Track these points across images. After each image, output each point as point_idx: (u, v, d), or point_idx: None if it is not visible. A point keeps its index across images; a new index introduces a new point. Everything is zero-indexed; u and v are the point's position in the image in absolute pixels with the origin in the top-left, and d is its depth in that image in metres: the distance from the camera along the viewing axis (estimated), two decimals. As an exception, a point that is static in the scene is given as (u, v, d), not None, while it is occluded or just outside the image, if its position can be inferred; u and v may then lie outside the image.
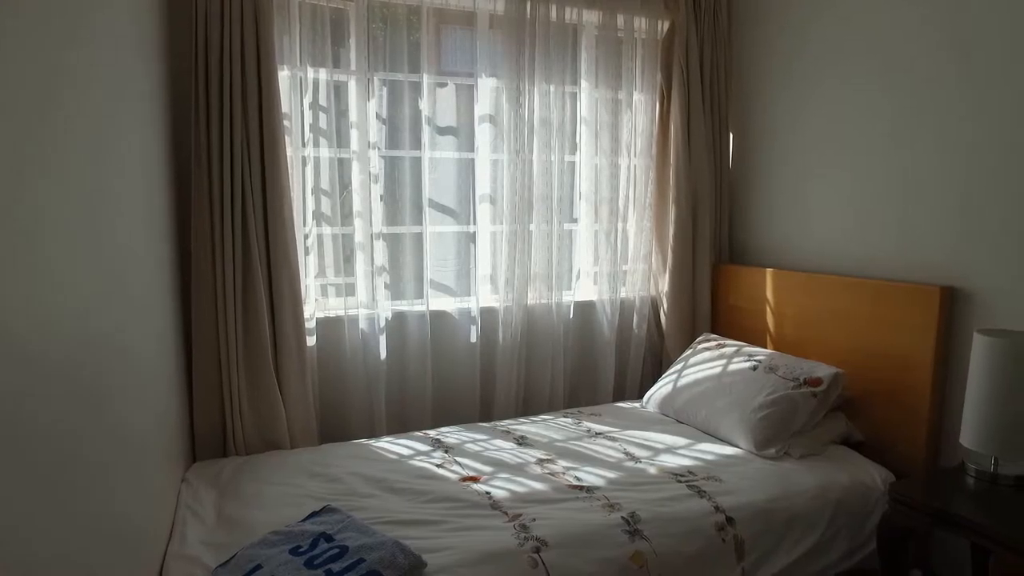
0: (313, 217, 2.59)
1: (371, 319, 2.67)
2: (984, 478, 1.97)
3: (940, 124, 2.28)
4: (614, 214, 3.03)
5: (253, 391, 2.39)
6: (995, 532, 1.69)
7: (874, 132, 2.51)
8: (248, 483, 2.06)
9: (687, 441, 2.40)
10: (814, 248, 2.79)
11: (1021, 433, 1.87)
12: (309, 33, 2.48)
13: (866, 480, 2.19)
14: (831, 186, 2.70)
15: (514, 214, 2.81)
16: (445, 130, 2.84)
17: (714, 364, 2.64)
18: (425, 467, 2.17)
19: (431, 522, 1.82)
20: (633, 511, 1.87)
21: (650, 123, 3.07)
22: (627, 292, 3.12)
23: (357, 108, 2.60)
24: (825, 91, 2.70)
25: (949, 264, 2.27)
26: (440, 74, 2.82)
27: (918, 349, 2.29)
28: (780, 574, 1.96)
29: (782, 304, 2.82)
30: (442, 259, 2.89)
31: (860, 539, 2.10)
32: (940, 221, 2.30)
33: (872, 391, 2.45)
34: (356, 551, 1.61)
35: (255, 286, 2.35)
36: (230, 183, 2.30)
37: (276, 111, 2.34)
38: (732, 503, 1.97)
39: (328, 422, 2.67)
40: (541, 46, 2.80)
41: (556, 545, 1.71)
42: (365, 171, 2.62)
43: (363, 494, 2.00)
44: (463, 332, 2.84)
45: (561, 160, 2.89)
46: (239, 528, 1.80)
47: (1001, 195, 2.12)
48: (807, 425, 2.33)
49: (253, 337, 2.37)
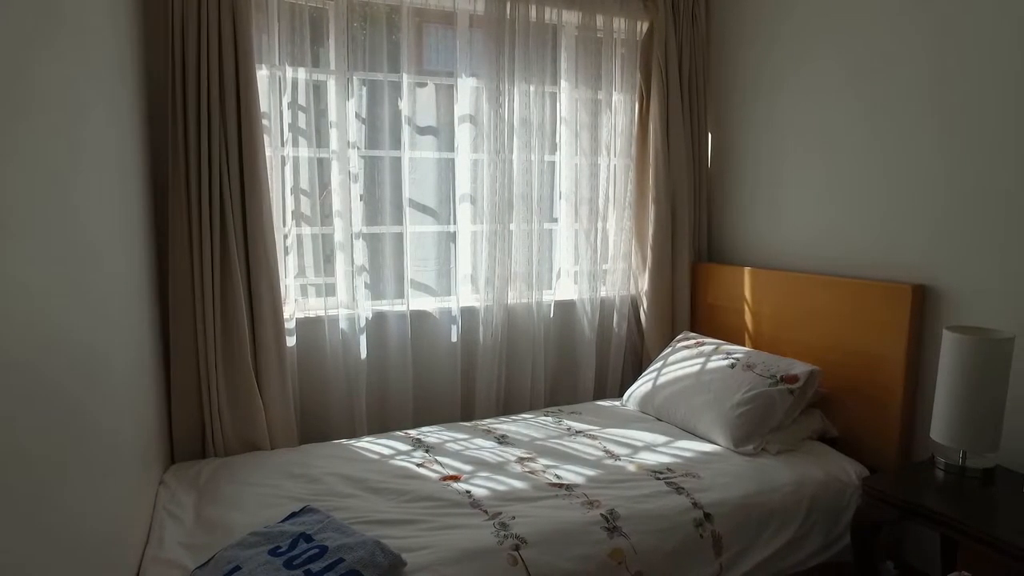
0: (292, 217, 2.58)
1: (351, 319, 2.67)
2: (953, 471, 2.01)
3: (912, 126, 2.33)
4: (594, 214, 3.05)
5: (232, 392, 2.38)
6: (962, 524, 1.74)
7: (848, 133, 2.55)
8: (227, 484, 2.05)
9: (666, 439, 2.43)
10: (791, 247, 2.83)
11: (988, 428, 1.92)
12: (288, 32, 2.47)
13: (841, 475, 2.23)
14: (807, 186, 2.74)
15: (494, 214, 2.81)
16: (425, 130, 2.84)
17: (693, 362, 2.67)
18: (405, 467, 2.18)
19: (411, 521, 1.83)
20: (612, 508, 1.89)
21: (629, 123, 3.10)
22: (607, 291, 3.15)
23: (336, 108, 2.60)
24: (799, 91, 2.74)
25: (921, 263, 2.32)
26: (420, 74, 2.82)
27: (891, 346, 2.33)
28: (757, 568, 1.98)
29: (760, 303, 2.86)
30: (422, 259, 2.89)
31: (835, 533, 2.14)
32: (912, 221, 2.34)
33: (847, 388, 2.49)
34: (336, 551, 1.61)
35: (234, 286, 2.34)
36: (208, 182, 2.28)
37: (255, 110, 2.33)
38: (710, 499, 1.99)
39: (308, 423, 2.66)
40: (521, 46, 2.81)
41: (535, 543, 1.73)
42: (345, 171, 2.61)
43: (343, 494, 2.00)
44: (444, 332, 2.85)
45: (541, 160, 2.90)
46: (218, 530, 1.79)
47: (970, 196, 2.17)
48: (784, 422, 2.36)
49: (232, 338, 2.36)
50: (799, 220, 2.78)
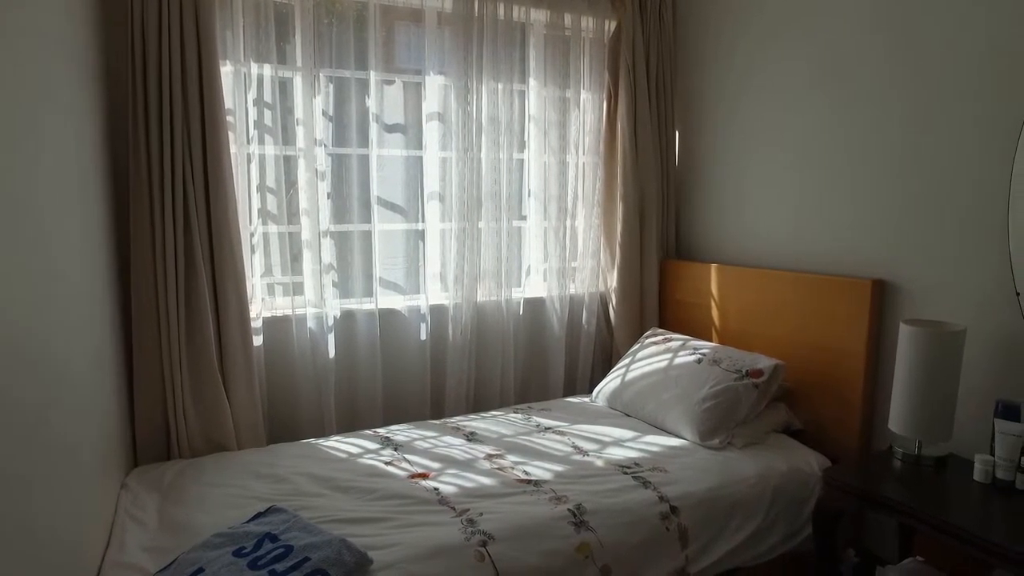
0: (259, 215, 2.55)
1: (319, 318, 2.65)
2: (909, 460, 2.07)
3: (873, 127, 2.38)
4: (563, 211, 3.07)
5: (197, 392, 2.35)
6: (916, 511, 1.79)
7: (811, 133, 2.61)
8: (192, 486, 2.02)
9: (634, 434, 2.45)
10: (756, 244, 2.88)
11: (941, 417, 1.98)
12: (253, 27, 2.44)
13: (804, 467, 2.27)
14: (771, 184, 2.79)
15: (463, 212, 2.81)
16: (393, 127, 2.83)
17: (661, 358, 2.70)
18: (374, 465, 2.17)
19: (378, 519, 1.82)
20: (579, 503, 1.91)
21: (598, 121, 3.12)
22: (576, 288, 3.17)
23: (303, 105, 2.57)
24: (764, 91, 2.79)
25: (880, 259, 2.38)
26: (388, 71, 2.81)
27: (852, 340, 2.39)
28: (722, 560, 2.02)
29: (726, 298, 2.90)
30: (391, 257, 2.88)
31: (798, 523, 2.18)
32: (872, 218, 2.40)
33: (810, 381, 2.54)
34: (301, 550, 1.60)
35: (198, 285, 2.30)
36: (171, 180, 2.24)
37: (219, 107, 2.30)
38: (676, 493, 2.02)
39: (276, 422, 2.64)
40: (489, 44, 2.81)
41: (502, 539, 1.73)
42: (312, 168, 2.59)
43: (310, 493, 1.99)
44: (413, 330, 2.84)
45: (510, 158, 2.91)
46: (182, 532, 1.77)
47: (927, 195, 2.23)
48: (749, 415, 2.40)
49: (197, 337, 2.33)
50: (764, 217, 2.83)
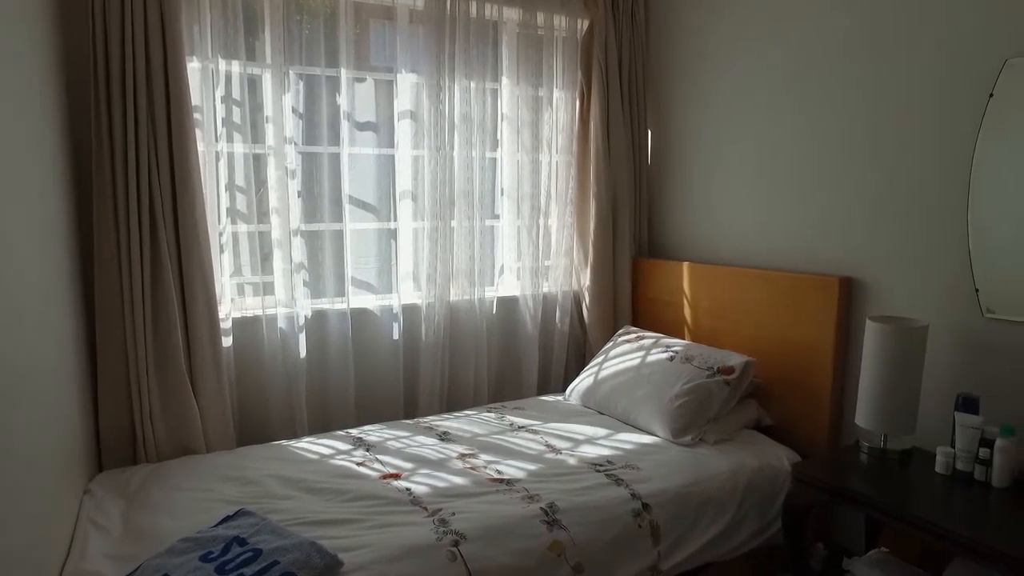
0: (228, 214, 2.51)
1: (290, 318, 2.62)
2: (875, 454, 2.11)
3: (841, 128, 2.42)
4: (536, 210, 3.07)
5: (165, 395, 2.30)
6: (880, 503, 1.82)
7: (779, 132, 2.64)
8: (158, 490, 1.98)
9: (607, 431, 2.47)
10: (727, 242, 2.91)
11: (906, 411, 2.02)
12: (220, 23, 2.40)
13: (774, 462, 2.30)
14: (742, 183, 2.82)
15: (435, 210, 2.80)
16: (364, 126, 2.81)
17: (633, 356, 2.72)
18: (345, 466, 2.15)
19: (349, 521, 1.81)
20: (552, 502, 1.91)
21: (571, 120, 3.13)
22: (550, 287, 3.17)
23: (272, 102, 2.54)
24: (734, 91, 2.82)
25: (847, 257, 2.42)
26: (359, 69, 2.78)
27: (820, 337, 2.42)
28: (694, 555, 2.04)
29: (698, 296, 2.93)
30: (363, 256, 2.86)
31: (769, 518, 2.21)
32: (840, 217, 2.44)
33: (781, 377, 2.57)
34: (270, 554, 1.58)
35: (165, 285, 2.26)
36: (136, 178, 2.20)
37: (185, 104, 2.25)
38: (648, 490, 2.03)
39: (247, 424, 2.60)
40: (462, 42, 2.80)
41: (475, 538, 1.73)
42: (282, 167, 2.55)
43: (280, 496, 1.96)
44: (385, 329, 2.82)
45: (482, 156, 2.90)
46: (147, 538, 1.73)
47: (893, 193, 2.27)
48: (721, 412, 2.43)
49: (164, 339, 2.28)
50: (735, 216, 2.86)
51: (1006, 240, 1.95)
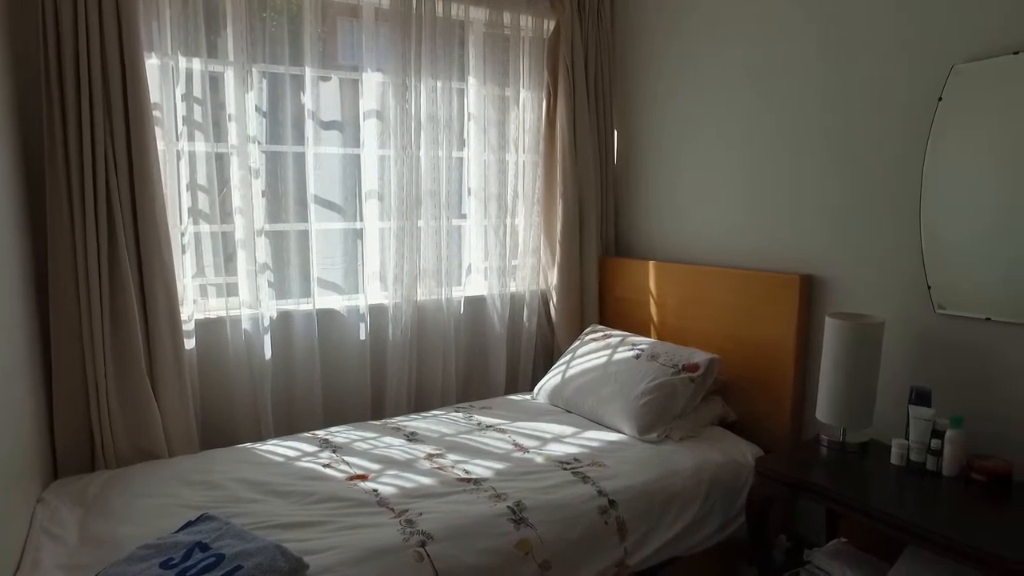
0: (189, 214, 2.47)
1: (255, 319, 2.58)
2: (835, 448, 2.16)
3: (799, 128, 2.48)
4: (503, 210, 3.08)
5: (124, 399, 2.25)
6: (838, 495, 1.87)
7: (742, 132, 2.69)
8: (118, 497, 1.94)
9: (574, 430, 2.48)
10: (692, 241, 2.95)
11: (864, 405, 2.07)
12: (180, 19, 2.35)
13: (738, 457, 2.35)
14: (706, 183, 2.86)
15: (402, 210, 2.79)
16: (330, 125, 2.78)
17: (600, 354, 2.74)
18: (311, 468, 2.13)
19: (316, 523, 1.79)
20: (519, 500, 1.92)
21: (537, 120, 3.14)
22: (517, 286, 3.19)
23: (235, 100, 2.50)
24: (698, 92, 2.86)
25: (808, 255, 2.47)
26: (323, 67, 2.75)
27: (783, 333, 2.47)
28: (660, 550, 2.06)
29: (664, 295, 2.97)
30: (329, 256, 2.83)
31: (733, 512, 2.25)
32: (799, 215, 2.49)
33: (744, 374, 2.62)
34: (233, 558, 1.56)
35: (124, 286, 2.21)
36: (92, 178, 2.14)
37: (144, 101, 2.20)
38: (614, 487, 2.05)
39: (211, 427, 2.56)
40: (428, 41, 2.80)
41: (442, 538, 1.73)
42: (245, 166, 2.52)
43: (245, 499, 1.93)
44: (352, 330, 2.80)
45: (449, 156, 2.90)
46: (105, 546, 1.69)
47: (850, 193, 2.33)
48: (686, 409, 2.46)
49: (123, 341, 2.23)
50: (700, 215, 2.91)
51: (955, 239, 2.01)
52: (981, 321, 1.98)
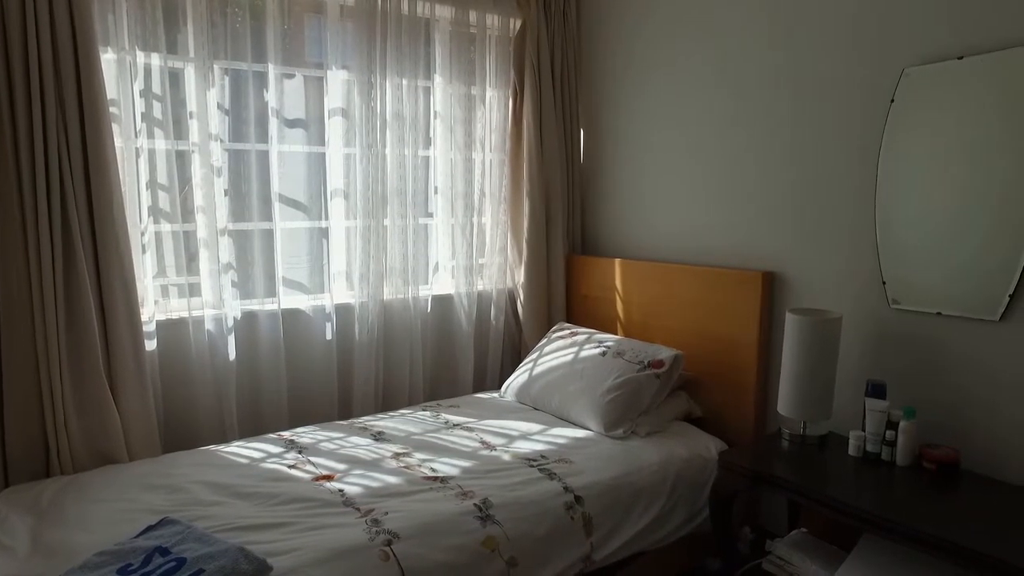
0: (150, 213, 2.42)
1: (218, 320, 2.54)
2: (795, 441, 2.21)
3: (761, 129, 2.53)
4: (469, 208, 3.08)
5: (81, 402, 2.19)
6: (797, 486, 1.92)
7: (706, 132, 2.73)
8: (73, 504, 1.88)
9: (541, 427, 2.50)
10: (657, 238, 2.99)
11: (823, 398, 2.12)
12: (137, 12, 2.30)
13: (703, 452, 2.38)
14: (671, 181, 2.90)
15: (368, 209, 2.77)
16: (294, 123, 2.75)
17: (567, 352, 2.76)
18: (277, 469, 2.10)
19: (280, 524, 1.77)
20: (485, 498, 1.92)
21: (504, 119, 3.15)
22: (484, 285, 3.19)
23: (196, 97, 2.45)
24: (663, 92, 2.90)
25: (769, 252, 2.52)
26: (287, 65, 2.71)
27: (746, 329, 2.52)
28: (626, 545, 2.09)
29: (630, 292, 3.00)
30: (294, 256, 2.80)
31: (698, 506, 2.29)
32: (761, 213, 2.54)
33: (709, 370, 2.66)
34: (195, 562, 1.54)
35: (80, 287, 2.15)
36: (45, 175, 2.08)
37: (99, 97, 2.15)
38: (580, 483, 2.07)
39: (173, 430, 2.51)
40: (393, 39, 2.78)
41: (408, 537, 1.72)
42: (207, 164, 2.47)
43: (208, 502, 1.90)
44: (318, 330, 2.78)
45: (415, 154, 2.89)
46: (59, 555, 1.63)
47: (809, 191, 2.38)
48: (652, 405, 2.49)
49: (80, 343, 2.18)
50: (665, 213, 2.94)
51: (908, 236, 2.08)
52: (932, 315, 2.05)
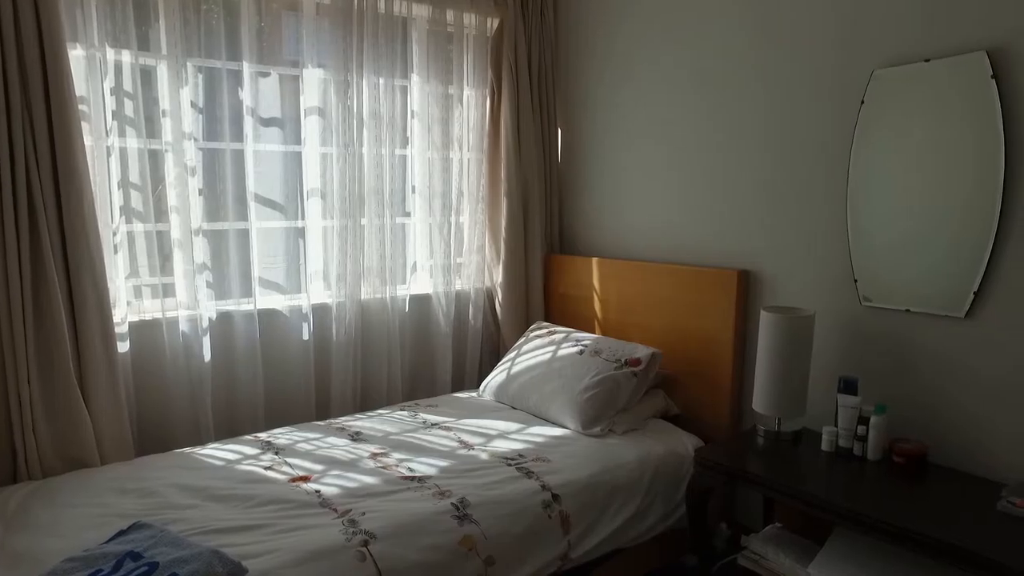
0: (122, 213, 2.38)
1: (193, 320, 2.51)
2: (770, 437, 2.24)
3: (735, 128, 2.55)
4: (447, 207, 3.08)
5: (50, 406, 2.16)
6: (771, 482, 1.94)
7: (682, 131, 2.75)
8: (42, 509, 1.85)
9: (519, 426, 2.50)
10: (634, 237, 3.01)
11: (797, 395, 2.15)
12: (107, 8, 2.26)
13: (679, 449, 2.40)
14: (647, 180, 2.92)
15: (345, 208, 2.76)
16: (269, 121, 2.72)
17: (545, 351, 2.77)
18: (253, 471, 2.09)
19: (256, 527, 1.76)
20: (463, 497, 1.92)
21: (481, 118, 3.15)
22: (462, 284, 3.19)
23: (169, 95, 2.42)
24: (638, 90, 2.92)
25: (744, 250, 2.55)
26: (262, 63, 2.69)
27: (721, 327, 2.55)
28: (604, 542, 2.10)
29: (607, 291, 3.02)
30: (271, 256, 2.78)
31: (674, 502, 2.31)
32: (736, 212, 2.57)
33: (686, 368, 2.68)
34: (168, 566, 1.52)
35: (48, 288, 2.11)
36: (10, 173, 2.03)
37: (68, 94, 2.11)
38: (558, 481, 2.08)
39: (148, 433, 2.48)
40: (370, 38, 2.77)
41: (385, 537, 1.72)
42: (181, 164, 2.45)
43: (182, 505, 1.88)
44: (295, 330, 2.75)
45: (392, 154, 2.88)
46: (25, 562, 1.60)
47: (784, 191, 2.41)
48: (629, 402, 2.51)
49: (48, 346, 2.14)
50: (642, 212, 2.96)
51: (878, 235, 2.11)
52: (902, 312, 2.08)
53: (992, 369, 1.91)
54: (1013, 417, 1.87)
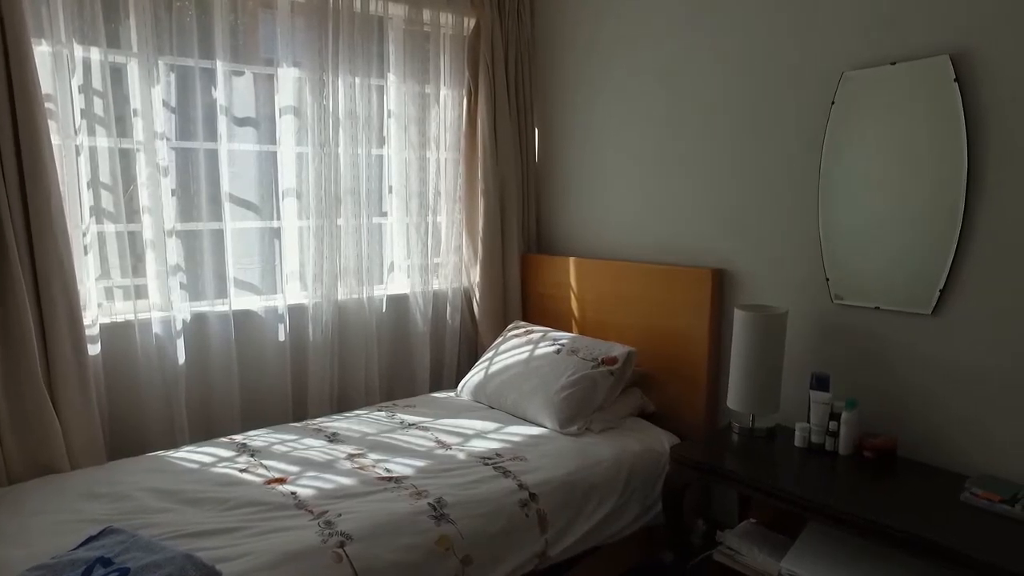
0: (92, 213, 2.34)
1: (167, 322, 2.48)
2: (744, 434, 2.27)
3: (710, 128, 2.58)
4: (424, 207, 3.07)
5: (17, 410, 2.11)
6: (746, 478, 1.97)
7: (657, 131, 2.78)
8: (9, 517, 1.80)
9: (497, 425, 2.51)
10: (610, 237, 3.03)
11: (770, 392, 2.19)
12: (74, 4, 2.22)
13: (656, 446, 2.42)
14: (623, 179, 2.95)
15: (321, 209, 2.74)
16: (244, 121, 2.69)
17: (522, 350, 2.78)
18: (228, 473, 2.07)
19: (231, 529, 1.74)
20: (440, 496, 1.92)
21: (458, 118, 3.15)
22: (440, 284, 3.19)
23: (141, 94, 2.39)
24: (615, 90, 2.94)
25: (718, 249, 2.58)
26: (236, 61, 2.66)
27: (696, 325, 2.57)
28: (581, 540, 2.11)
29: (584, 290, 3.03)
30: (246, 256, 2.75)
31: (651, 500, 2.33)
32: (710, 212, 2.60)
33: (662, 366, 2.71)
34: (139, 572, 1.50)
35: (14, 289, 2.07)
36: (-26, 174, 2.01)
37: (33, 91, 2.06)
38: (535, 480, 2.09)
39: (120, 437, 2.44)
40: (346, 37, 2.75)
41: (361, 538, 1.71)
42: (153, 163, 2.41)
43: (155, 509, 1.86)
44: (271, 331, 2.73)
45: (368, 154, 2.87)
46: (-8, 571, 1.59)
47: (756, 190, 2.44)
48: (606, 401, 2.53)
49: (14, 348, 2.09)
50: (618, 212, 2.98)
51: (848, 234, 2.15)
52: (872, 310, 2.12)
53: (957, 363, 1.95)
54: (976, 411, 1.92)
